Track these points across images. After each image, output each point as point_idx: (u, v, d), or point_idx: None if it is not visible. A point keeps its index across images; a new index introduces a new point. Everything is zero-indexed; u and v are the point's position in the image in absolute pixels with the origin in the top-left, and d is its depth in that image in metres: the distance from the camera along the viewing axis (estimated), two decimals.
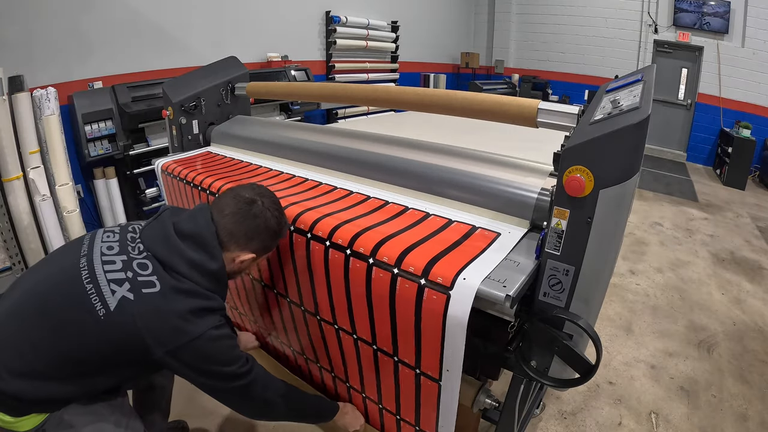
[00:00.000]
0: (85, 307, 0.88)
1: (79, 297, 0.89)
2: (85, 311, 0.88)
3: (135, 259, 0.93)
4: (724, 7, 5.97)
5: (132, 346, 0.89)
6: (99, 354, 0.90)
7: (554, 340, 0.99)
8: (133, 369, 0.96)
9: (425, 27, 7.14)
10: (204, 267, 0.96)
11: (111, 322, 0.87)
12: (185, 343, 0.90)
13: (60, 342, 0.88)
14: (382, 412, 1.39)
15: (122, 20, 3.43)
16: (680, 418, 1.87)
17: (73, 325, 0.88)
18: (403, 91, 1.50)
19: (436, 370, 1.05)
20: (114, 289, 0.89)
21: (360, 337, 1.23)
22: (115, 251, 0.95)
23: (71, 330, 0.88)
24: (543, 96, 7.04)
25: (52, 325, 0.89)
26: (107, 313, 0.87)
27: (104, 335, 0.88)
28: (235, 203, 1.02)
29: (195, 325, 0.91)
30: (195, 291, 0.94)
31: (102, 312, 0.87)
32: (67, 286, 0.91)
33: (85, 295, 0.88)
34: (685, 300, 2.84)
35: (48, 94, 2.73)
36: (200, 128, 2.07)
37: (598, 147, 0.84)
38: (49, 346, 0.88)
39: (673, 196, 5.07)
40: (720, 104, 6.31)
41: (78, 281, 0.90)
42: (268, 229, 1.04)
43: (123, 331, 0.88)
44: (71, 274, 0.92)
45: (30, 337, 0.89)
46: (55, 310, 0.90)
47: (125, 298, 0.88)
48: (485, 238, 1.08)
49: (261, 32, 4.63)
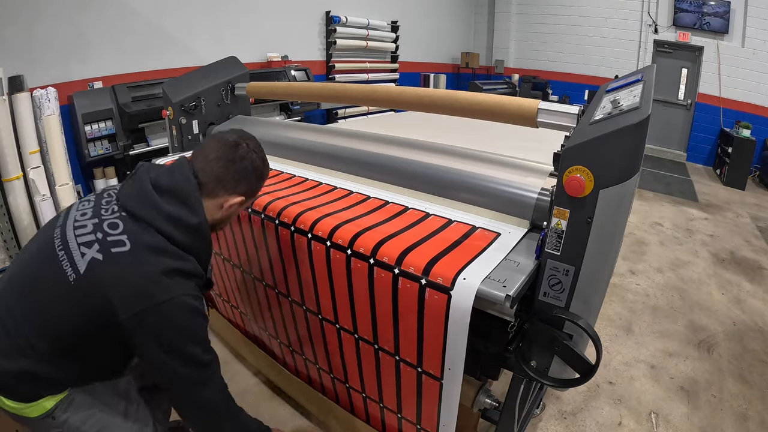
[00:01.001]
0: (58, 275, 0.85)
1: (52, 266, 0.86)
2: (58, 279, 0.85)
3: (106, 220, 0.89)
4: (724, 7, 5.97)
5: (100, 312, 0.84)
6: (75, 324, 0.86)
7: (554, 340, 0.99)
8: (107, 343, 0.90)
9: (425, 27, 7.14)
10: (183, 221, 0.91)
11: (81, 287, 0.84)
12: (153, 305, 0.84)
13: (41, 315, 0.86)
14: (384, 411, 1.39)
15: (122, 20, 3.43)
16: (680, 418, 1.87)
17: (50, 295, 0.86)
18: (403, 91, 1.50)
19: (438, 368, 1.05)
20: (84, 252, 0.85)
21: (361, 336, 1.23)
22: (88, 216, 0.92)
23: (49, 301, 0.86)
24: (543, 96, 7.03)
25: (32, 300, 0.88)
26: (77, 278, 0.84)
27: (76, 301, 0.84)
28: (220, 147, 0.98)
29: (165, 288, 0.85)
30: (170, 250, 0.89)
31: (72, 277, 0.84)
32: (42, 258, 0.90)
33: (58, 262, 0.86)
34: (685, 300, 2.83)
35: (48, 94, 2.73)
36: (200, 128, 2.07)
37: (598, 147, 0.84)
38: (31, 321, 0.86)
39: (673, 196, 5.07)
40: (720, 104, 6.31)
41: (52, 251, 0.88)
42: (255, 170, 1.01)
43: (92, 293, 0.84)
44: (46, 247, 0.90)
45: (14, 315, 0.87)
46: (33, 284, 0.89)
47: (94, 260, 0.85)
48: (485, 238, 1.08)
49: (261, 32, 4.63)
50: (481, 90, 6.07)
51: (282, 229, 1.26)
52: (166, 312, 0.85)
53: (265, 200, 1.34)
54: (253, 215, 1.36)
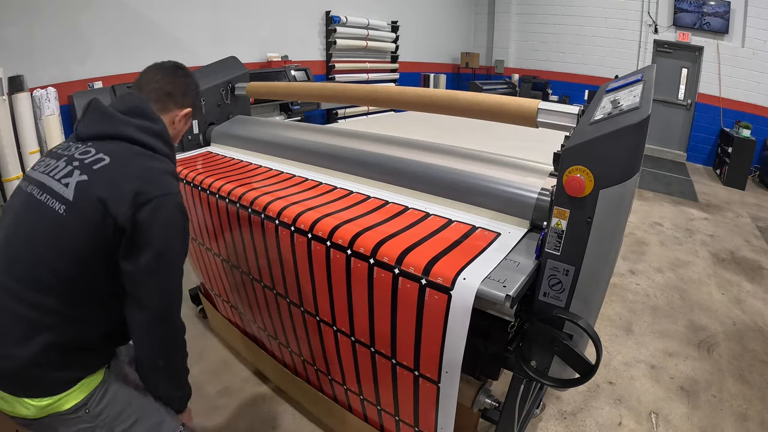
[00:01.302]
0: (49, 216, 0.84)
1: (39, 213, 0.86)
2: (50, 220, 0.84)
3: (76, 153, 0.90)
4: (724, 7, 5.97)
5: (100, 225, 0.83)
6: (80, 256, 0.84)
7: (554, 340, 0.99)
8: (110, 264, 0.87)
9: (425, 27, 7.15)
10: (150, 129, 0.96)
11: (74, 212, 0.83)
12: (152, 198, 0.85)
13: (45, 267, 0.84)
14: (381, 414, 1.39)
15: (122, 20, 3.44)
16: (680, 418, 1.87)
17: (47, 240, 0.84)
18: (403, 91, 1.50)
19: (435, 371, 1.05)
20: (66, 182, 0.85)
21: (358, 339, 1.23)
22: (54, 162, 0.92)
23: (48, 247, 0.84)
24: (543, 96, 7.03)
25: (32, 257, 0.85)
26: (68, 206, 0.84)
27: (73, 230, 0.83)
28: (163, 70, 1.08)
29: (159, 185, 0.88)
30: (149, 154, 0.93)
31: (63, 209, 0.84)
32: (27, 217, 0.88)
33: (44, 206, 0.85)
34: (685, 300, 2.83)
35: (48, 94, 2.73)
36: (200, 128, 2.07)
37: (598, 147, 0.84)
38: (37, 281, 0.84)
39: (673, 196, 5.07)
40: (720, 104, 6.31)
41: (34, 202, 0.87)
42: (196, 85, 1.14)
43: (87, 212, 0.83)
44: (27, 205, 0.89)
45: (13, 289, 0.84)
46: (29, 242, 0.86)
47: (80, 182, 0.85)
48: (485, 238, 1.08)
49: (261, 32, 4.64)
50: (481, 90, 6.07)
51: (282, 229, 1.26)
52: (162, 205, 0.86)
53: (265, 200, 1.34)
54: (253, 215, 1.36)
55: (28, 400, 0.85)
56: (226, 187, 1.48)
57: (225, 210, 1.48)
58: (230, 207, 1.45)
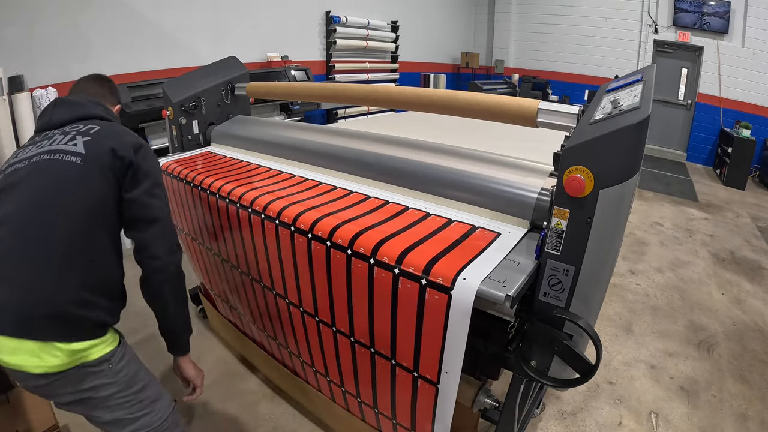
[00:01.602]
0: (67, 169, 1.01)
1: (57, 168, 1.01)
2: (69, 172, 1.01)
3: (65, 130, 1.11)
4: (724, 7, 5.97)
5: (112, 165, 1.06)
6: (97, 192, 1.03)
7: (554, 340, 0.99)
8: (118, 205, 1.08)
9: (425, 27, 7.15)
10: (110, 111, 1.28)
11: (89, 160, 1.04)
12: (141, 144, 1.15)
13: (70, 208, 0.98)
14: (379, 417, 1.39)
15: (122, 20, 3.44)
16: (680, 418, 1.87)
17: (69, 185, 1.00)
18: (403, 91, 1.50)
19: (435, 372, 1.05)
20: (74, 143, 1.06)
21: (358, 339, 1.23)
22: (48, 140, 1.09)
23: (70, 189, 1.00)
24: (543, 96, 7.03)
25: (56, 203, 0.98)
26: (83, 157, 1.03)
27: (92, 172, 1.03)
28: (93, 81, 1.33)
29: (138, 138, 1.17)
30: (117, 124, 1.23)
31: (79, 160, 1.03)
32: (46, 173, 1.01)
33: (59, 162, 1.02)
34: (685, 300, 2.83)
35: (48, 94, 2.73)
36: (200, 128, 2.07)
37: (598, 147, 0.84)
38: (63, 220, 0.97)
39: (673, 196, 5.07)
40: (720, 104, 6.31)
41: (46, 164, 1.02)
42: (118, 86, 1.42)
43: (102, 158, 1.05)
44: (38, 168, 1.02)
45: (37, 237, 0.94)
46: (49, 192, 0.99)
47: (86, 141, 1.07)
48: (485, 238, 1.08)
49: (261, 32, 4.64)
50: (481, 90, 6.07)
51: (282, 229, 1.26)
52: (148, 149, 1.16)
53: (265, 200, 1.34)
54: (253, 215, 1.36)
55: (60, 344, 0.92)
56: (226, 187, 1.48)
57: (225, 210, 1.48)
58: (230, 207, 1.45)
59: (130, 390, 1.04)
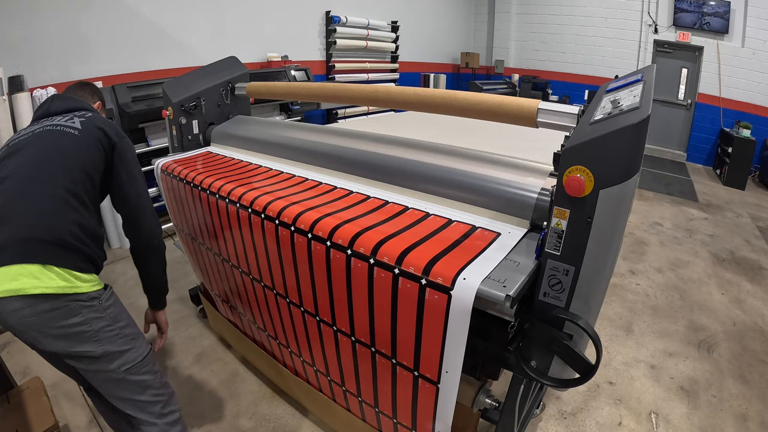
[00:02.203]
0: (65, 136, 1.25)
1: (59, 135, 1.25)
2: (67, 138, 1.24)
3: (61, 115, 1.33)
4: (724, 7, 5.97)
5: (99, 137, 1.29)
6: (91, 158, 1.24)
7: (554, 340, 0.99)
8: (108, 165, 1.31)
9: (425, 27, 7.15)
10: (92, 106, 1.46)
11: (84, 134, 1.27)
12: (123, 135, 1.37)
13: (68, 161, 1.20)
14: (379, 416, 1.39)
15: (122, 20, 3.44)
16: (680, 418, 1.87)
17: (67, 146, 1.22)
18: (403, 91, 1.50)
19: (435, 372, 1.05)
20: (72, 121, 1.29)
21: (358, 339, 1.23)
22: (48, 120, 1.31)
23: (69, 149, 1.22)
24: (543, 96, 7.03)
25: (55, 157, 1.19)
26: (79, 131, 1.27)
27: (86, 142, 1.26)
28: (76, 86, 1.57)
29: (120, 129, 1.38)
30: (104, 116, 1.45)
31: (76, 132, 1.26)
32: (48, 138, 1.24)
33: (60, 131, 1.25)
34: (685, 300, 2.84)
35: (48, 94, 2.73)
36: (200, 128, 2.07)
37: (598, 147, 0.84)
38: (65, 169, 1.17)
39: (673, 196, 5.07)
40: (720, 104, 6.31)
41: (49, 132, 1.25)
42: (98, 88, 1.63)
43: (94, 133, 1.28)
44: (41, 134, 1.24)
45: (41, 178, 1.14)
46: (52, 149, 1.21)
47: (82, 121, 1.30)
48: (485, 238, 1.08)
49: (261, 32, 4.64)
50: (481, 90, 6.07)
51: (282, 229, 1.26)
52: (128, 140, 1.38)
53: (265, 200, 1.34)
54: (253, 215, 1.36)
55: (57, 269, 1.06)
56: (226, 187, 1.48)
57: (225, 210, 1.48)
58: (230, 207, 1.45)
59: (116, 324, 1.18)
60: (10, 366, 1.78)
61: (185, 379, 2.04)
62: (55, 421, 1.54)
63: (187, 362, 2.15)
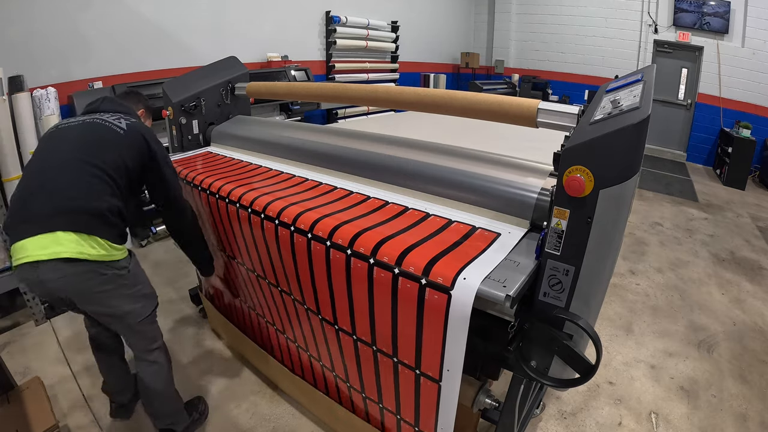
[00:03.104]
0: (112, 132, 1.38)
1: (105, 128, 1.38)
2: (112, 133, 1.38)
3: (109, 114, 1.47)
4: (724, 7, 5.97)
5: (140, 144, 1.42)
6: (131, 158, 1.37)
7: (554, 340, 0.99)
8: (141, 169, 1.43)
9: (425, 27, 7.14)
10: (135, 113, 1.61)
11: (127, 135, 1.40)
12: (158, 141, 1.49)
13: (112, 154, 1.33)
14: (383, 412, 1.39)
15: (122, 20, 3.44)
16: (680, 418, 1.87)
17: (112, 142, 1.36)
18: (403, 91, 1.50)
19: (437, 370, 1.05)
20: (119, 121, 1.42)
21: (360, 338, 1.23)
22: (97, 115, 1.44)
23: (114, 144, 1.36)
24: (543, 96, 7.02)
25: (102, 147, 1.33)
26: (124, 132, 1.40)
27: (128, 142, 1.39)
28: (125, 93, 1.72)
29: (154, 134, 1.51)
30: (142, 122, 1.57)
31: (122, 131, 1.39)
32: (94, 128, 1.38)
33: (107, 126, 1.39)
34: (685, 300, 2.84)
35: (48, 94, 2.73)
36: (200, 128, 2.07)
37: (598, 147, 0.84)
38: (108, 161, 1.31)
39: (673, 196, 5.07)
40: (720, 104, 6.31)
41: (96, 124, 1.39)
42: (142, 96, 1.76)
43: (134, 136, 1.41)
44: (89, 124, 1.39)
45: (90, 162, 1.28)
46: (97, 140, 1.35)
47: (128, 124, 1.43)
48: (485, 238, 1.08)
49: (261, 32, 4.63)
50: (481, 90, 6.07)
51: (282, 229, 1.26)
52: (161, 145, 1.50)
53: (265, 200, 1.34)
54: (253, 215, 1.36)
55: (100, 239, 1.23)
56: (226, 187, 1.48)
57: (225, 210, 1.48)
58: (230, 207, 1.45)
59: (136, 287, 1.38)
60: (10, 366, 1.78)
61: (185, 378, 2.04)
62: (55, 421, 1.54)
63: (187, 362, 2.15)
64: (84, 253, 1.18)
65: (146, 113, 1.73)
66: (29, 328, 2.39)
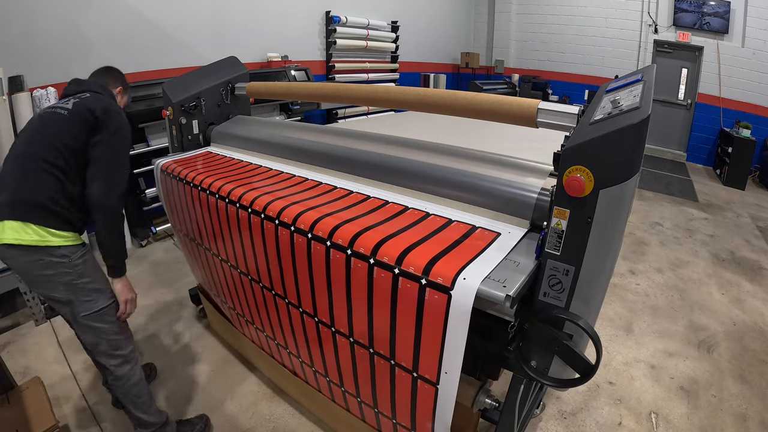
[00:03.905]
0: (57, 116, 1.43)
1: (51, 116, 1.44)
2: (57, 118, 1.42)
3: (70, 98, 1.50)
4: (724, 7, 5.97)
5: (85, 118, 1.42)
6: (75, 136, 1.39)
7: (554, 340, 0.99)
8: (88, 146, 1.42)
9: (425, 27, 7.14)
10: (103, 87, 1.62)
11: (71, 114, 1.42)
12: (109, 109, 1.47)
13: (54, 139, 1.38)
14: (379, 416, 1.39)
15: (122, 20, 3.43)
16: (680, 418, 1.87)
17: (56, 125, 1.41)
18: (403, 91, 1.50)
19: (434, 373, 1.05)
20: (68, 103, 1.46)
21: (357, 340, 1.23)
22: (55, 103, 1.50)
23: (57, 128, 1.40)
24: (543, 96, 7.03)
25: (45, 134, 1.39)
26: (68, 112, 1.43)
27: (71, 121, 1.41)
28: (102, 69, 1.73)
29: (107, 103, 1.49)
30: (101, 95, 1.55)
31: (66, 112, 1.43)
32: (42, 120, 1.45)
33: (53, 113, 1.44)
34: (685, 300, 2.84)
35: (48, 94, 2.73)
36: (200, 128, 2.07)
37: (598, 147, 0.84)
38: (50, 147, 1.36)
39: (673, 196, 5.07)
40: (720, 104, 6.31)
41: (45, 114, 1.46)
42: (120, 73, 1.78)
43: (79, 112, 1.43)
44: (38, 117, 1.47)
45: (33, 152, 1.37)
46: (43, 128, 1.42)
47: (75, 103, 1.46)
48: (485, 238, 1.08)
49: (261, 32, 4.63)
50: (481, 90, 6.07)
51: (282, 229, 1.26)
52: (116, 113, 1.49)
53: (265, 200, 1.34)
54: (253, 215, 1.36)
55: (35, 226, 1.32)
56: (226, 187, 1.48)
57: (225, 210, 1.48)
58: (230, 207, 1.45)
59: (81, 279, 1.40)
60: (10, 366, 1.78)
61: (185, 378, 2.04)
62: (55, 421, 1.54)
63: (186, 362, 2.15)
64: (19, 239, 1.31)
65: (123, 91, 1.76)
66: (29, 328, 2.39)
